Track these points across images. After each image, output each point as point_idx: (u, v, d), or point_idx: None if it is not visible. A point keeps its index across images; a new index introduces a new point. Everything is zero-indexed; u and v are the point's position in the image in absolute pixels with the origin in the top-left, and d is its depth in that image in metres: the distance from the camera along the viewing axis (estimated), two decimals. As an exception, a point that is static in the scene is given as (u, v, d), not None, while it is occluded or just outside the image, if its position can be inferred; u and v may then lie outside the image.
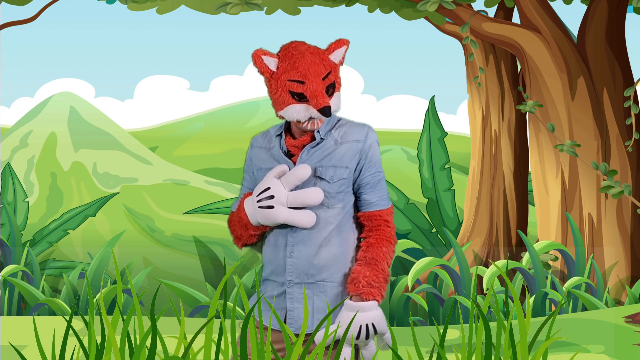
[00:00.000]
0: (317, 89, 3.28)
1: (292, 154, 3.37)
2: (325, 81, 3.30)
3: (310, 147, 3.34)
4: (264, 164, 3.41)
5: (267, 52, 3.34)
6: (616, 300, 8.15)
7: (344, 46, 3.40)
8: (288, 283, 3.34)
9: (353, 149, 3.35)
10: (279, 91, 3.30)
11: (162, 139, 12.45)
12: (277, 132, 3.42)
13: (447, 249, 8.87)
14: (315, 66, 3.30)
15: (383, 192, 3.41)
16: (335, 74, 3.35)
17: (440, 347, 2.96)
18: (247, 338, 3.00)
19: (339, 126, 3.38)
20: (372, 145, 3.40)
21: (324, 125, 3.36)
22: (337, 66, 3.38)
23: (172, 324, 3.51)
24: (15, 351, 3.59)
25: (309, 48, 3.35)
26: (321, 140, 3.35)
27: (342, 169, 3.33)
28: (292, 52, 3.32)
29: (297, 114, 3.28)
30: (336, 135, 3.36)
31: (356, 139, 3.37)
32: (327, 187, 3.31)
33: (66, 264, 9.07)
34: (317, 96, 3.27)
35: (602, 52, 8.26)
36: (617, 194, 8.08)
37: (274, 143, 3.41)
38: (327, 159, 3.33)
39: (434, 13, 8.30)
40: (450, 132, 9.44)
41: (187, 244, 9.74)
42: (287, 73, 3.29)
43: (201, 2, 8.22)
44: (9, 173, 9.47)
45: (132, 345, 2.90)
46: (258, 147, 3.46)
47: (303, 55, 3.31)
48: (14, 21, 8.82)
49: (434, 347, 3.07)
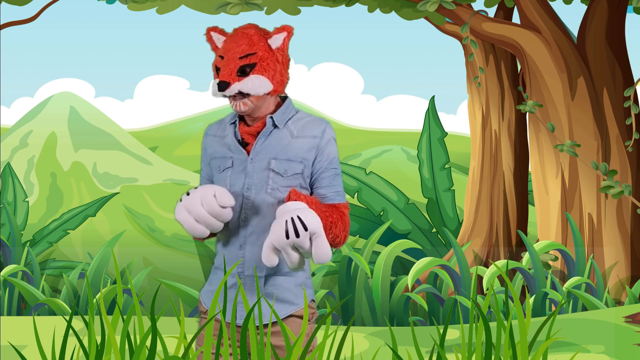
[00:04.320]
0: (227, 65, 3.25)
1: (247, 142, 3.34)
2: (243, 60, 3.25)
3: (263, 135, 3.30)
4: (217, 153, 3.39)
5: (221, 30, 3.35)
6: (616, 300, 8.15)
7: (284, 32, 3.31)
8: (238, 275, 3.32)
9: (309, 144, 3.30)
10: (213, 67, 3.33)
11: (162, 139, 12.45)
12: (231, 120, 3.39)
13: (447, 249, 8.87)
14: (238, 45, 3.27)
15: (338, 187, 3.36)
16: (263, 56, 3.27)
17: (440, 347, 2.96)
18: (247, 338, 3.00)
19: (296, 119, 3.34)
20: (329, 142, 3.33)
21: (279, 114, 3.31)
22: (273, 51, 3.29)
23: (172, 324, 3.51)
24: (15, 351, 3.59)
25: (247, 28, 3.31)
26: (275, 127, 3.31)
27: (296, 164, 3.30)
28: (234, 32, 3.33)
29: (212, 88, 3.27)
30: (292, 127, 3.32)
31: (313, 134, 3.32)
32: (279, 180, 3.29)
33: (66, 264, 9.07)
34: (224, 71, 3.25)
35: (602, 52, 8.26)
36: (617, 194, 8.08)
37: (228, 131, 3.38)
38: (282, 152, 3.30)
39: (434, 13, 8.30)
40: (450, 132, 9.44)
41: (187, 244, 9.73)
42: (219, 49, 3.31)
43: (201, 2, 8.23)
44: (9, 173, 9.47)
45: (132, 345, 2.90)
46: (212, 135, 3.44)
47: (237, 33, 3.30)
48: (14, 21, 8.82)
49: (434, 347, 3.07)
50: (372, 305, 8.06)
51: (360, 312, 8.06)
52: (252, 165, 3.31)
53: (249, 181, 3.31)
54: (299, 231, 3.11)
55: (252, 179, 3.31)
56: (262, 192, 3.30)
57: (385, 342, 6.47)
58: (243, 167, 3.32)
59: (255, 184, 3.31)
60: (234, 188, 3.33)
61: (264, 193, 3.30)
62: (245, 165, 3.32)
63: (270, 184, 3.30)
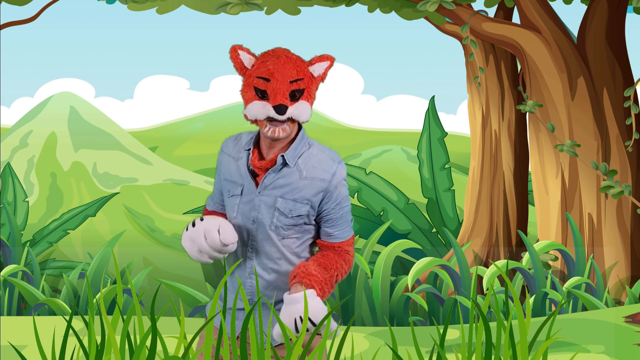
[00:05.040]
0: (279, 88, 3.17)
1: (257, 173, 3.30)
2: (293, 85, 3.19)
3: (272, 171, 3.26)
4: (230, 176, 3.37)
5: (247, 50, 3.28)
6: (616, 300, 8.15)
7: (327, 62, 3.26)
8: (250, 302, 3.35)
9: (317, 187, 3.27)
10: (246, 87, 3.24)
11: (162, 139, 12.45)
12: (247, 147, 3.34)
13: (447, 249, 8.87)
14: (285, 68, 3.19)
15: (344, 226, 3.36)
16: (309, 84, 3.22)
17: (440, 347, 2.96)
18: (247, 338, 3.00)
19: (307, 156, 3.27)
20: (337, 186, 3.29)
21: (291, 150, 3.25)
22: (315, 79, 3.25)
23: (172, 324, 3.51)
24: (15, 351, 3.59)
25: (288, 53, 3.24)
26: (285, 165, 3.26)
27: (302, 205, 3.27)
28: (269, 53, 3.25)
29: (256, 110, 3.18)
30: (302, 167, 3.26)
31: (322, 177, 3.27)
32: (284, 219, 3.28)
33: (66, 264, 9.07)
34: (277, 94, 3.17)
35: (602, 52, 8.26)
36: (617, 194, 8.08)
37: (242, 155, 3.34)
38: (289, 191, 3.26)
39: (434, 13, 8.30)
40: (450, 132, 9.44)
41: (187, 244, 9.72)
42: (257, 70, 3.22)
43: (201, 2, 8.22)
44: (9, 173, 9.47)
45: (132, 345, 2.90)
46: (227, 154, 3.40)
47: (278, 56, 3.22)
48: (14, 21, 8.82)
49: (434, 347, 3.07)
50: (372, 305, 8.06)
51: (360, 312, 8.06)
52: (259, 199, 3.30)
53: (255, 214, 3.30)
54: (298, 328, 3.15)
55: (259, 213, 3.30)
56: (266, 227, 3.30)
57: (385, 342, 6.48)
58: (251, 199, 3.31)
59: (260, 218, 3.30)
60: (242, 218, 3.33)
61: (268, 229, 3.30)
62: (254, 197, 3.30)
63: (275, 222, 3.29)
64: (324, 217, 3.32)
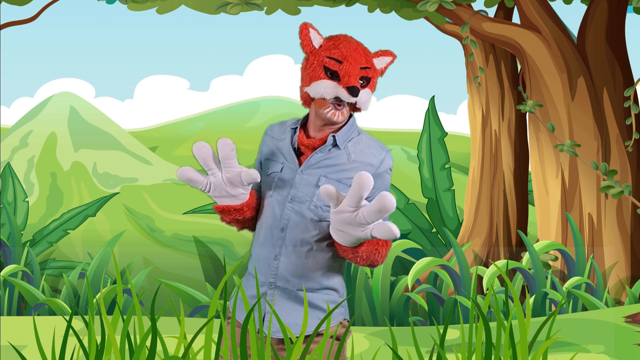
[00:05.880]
0: (352, 71, 3.17)
1: (302, 152, 3.27)
2: (363, 72, 3.21)
3: (320, 151, 3.23)
4: (271, 155, 3.33)
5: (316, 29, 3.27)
6: (616, 300, 8.15)
7: (390, 57, 3.31)
8: (270, 285, 3.28)
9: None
10: (314, 65, 3.21)
11: (162, 139, 12.45)
12: (293, 125, 3.32)
13: (447, 249, 8.87)
14: (357, 53, 3.21)
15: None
16: (374, 74, 3.25)
17: (440, 347, 2.95)
18: (247, 339, 2.99)
19: (357, 141, 3.26)
20: (383, 174, 3.26)
21: (342, 133, 3.24)
22: (377, 71, 3.28)
23: (172, 324, 3.51)
24: (15, 351, 3.59)
25: (356, 40, 3.27)
26: (335, 145, 3.24)
27: (345, 187, 3.21)
28: (339, 37, 3.26)
29: (325, 89, 3.17)
30: (351, 150, 3.24)
31: (370, 162, 3.24)
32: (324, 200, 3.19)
33: (66, 264, 9.06)
34: (350, 76, 3.17)
35: (602, 52, 8.26)
36: (617, 194, 8.08)
37: (286, 135, 3.31)
38: (335, 172, 3.23)
39: (434, 13, 8.30)
40: (450, 132, 9.44)
41: (187, 244, 9.73)
42: (328, 51, 3.21)
43: (201, 2, 8.22)
44: (9, 173, 9.47)
45: (132, 345, 2.90)
46: (271, 136, 3.37)
47: (349, 41, 3.24)
48: (14, 21, 8.82)
49: (434, 347, 3.07)
50: (372, 305, 8.06)
51: (360, 312, 8.06)
52: (300, 177, 3.25)
53: (294, 192, 3.25)
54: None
55: (298, 191, 3.25)
56: (305, 206, 3.24)
57: (385, 342, 6.47)
58: (292, 177, 3.26)
59: (300, 196, 3.25)
60: (279, 195, 3.27)
61: (307, 208, 3.24)
62: (294, 176, 3.26)
63: (315, 201, 3.24)
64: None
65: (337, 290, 3.32)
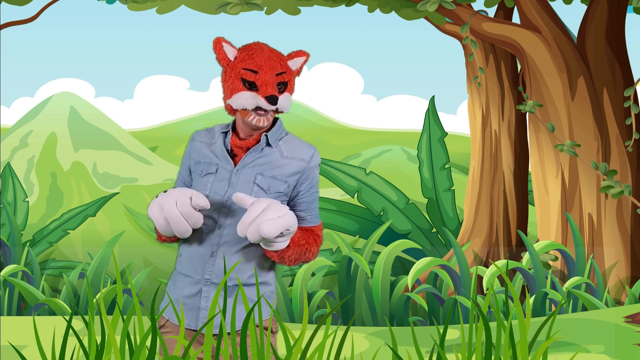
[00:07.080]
0: (268, 80, 3.30)
1: (235, 154, 3.39)
2: (279, 77, 3.33)
3: (254, 151, 3.36)
4: (203, 158, 3.43)
5: (229, 42, 3.39)
6: (616, 300, 8.15)
7: (303, 57, 3.41)
8: (205, 282, 3.35)
9: (296, 167, 3.38)
10: (232, 78, 3.34)
11: (162, 139, 12.45)
12: (224, 130, 3.44)
13: (447, 249, 8.87)
14: (271, 61, 3.33)
15: (316, 210, 3.46)
16: (290, 77, 3.38)
17: (440, 347, 2.96)
18: (247, 339, 3.00)
19: (286, 140, 3.41)
20: (314, 169, 3.42)
21: (273, 133, 3.38)
22: (293, 73, 3.40)
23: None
24: (15, 351, 3.59)
25: (269, 47, 3.39)
26: (267, 145, 3.37)
27: (280, 183, 3.36)
28: (252, 47, 3.37)
29: (245, 100, 3.30)
30: (283, 147, 3.39)
31: (302, 157, 3.39)
32: (262, 195, 3.33)
33: (66, 264, 9.07)
34: (267, 85, 3.30)
35: (602, 52, 8.26)
36: (617, 194, 8.08)
37: (217, 139, 3.42)
38: (270, 169, 3.36)
39: (434, 13, 8.30)
40: (450, 132, 9.44)
41: (187, 244, 9.72)
42: (243, 62, 3.33)
43: (201, 2, 8.22)
44: (9, 173, 9.47)
45: (132, 345, 2.90)
46: (200, 141, 3.47)
47: (262, 50, 3.36)
48: (14, 21, 8.82)
49: (434, 347, 3.07)
50: (372, 305, 8.06)
51: (360, 312, 8.06)
52: (236, 177, 3.36)
53: (232, 191, 3.35)
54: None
55: (236, 190, 3.34)
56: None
57: (385, 342, 6.47)
58: (227, 177, 3.37)
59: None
60: (215, 196, 3.36)
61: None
62: (230, 176, 3.36)
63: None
64: (297, 200, 3.40)
65: (270, 285, 3.44)
